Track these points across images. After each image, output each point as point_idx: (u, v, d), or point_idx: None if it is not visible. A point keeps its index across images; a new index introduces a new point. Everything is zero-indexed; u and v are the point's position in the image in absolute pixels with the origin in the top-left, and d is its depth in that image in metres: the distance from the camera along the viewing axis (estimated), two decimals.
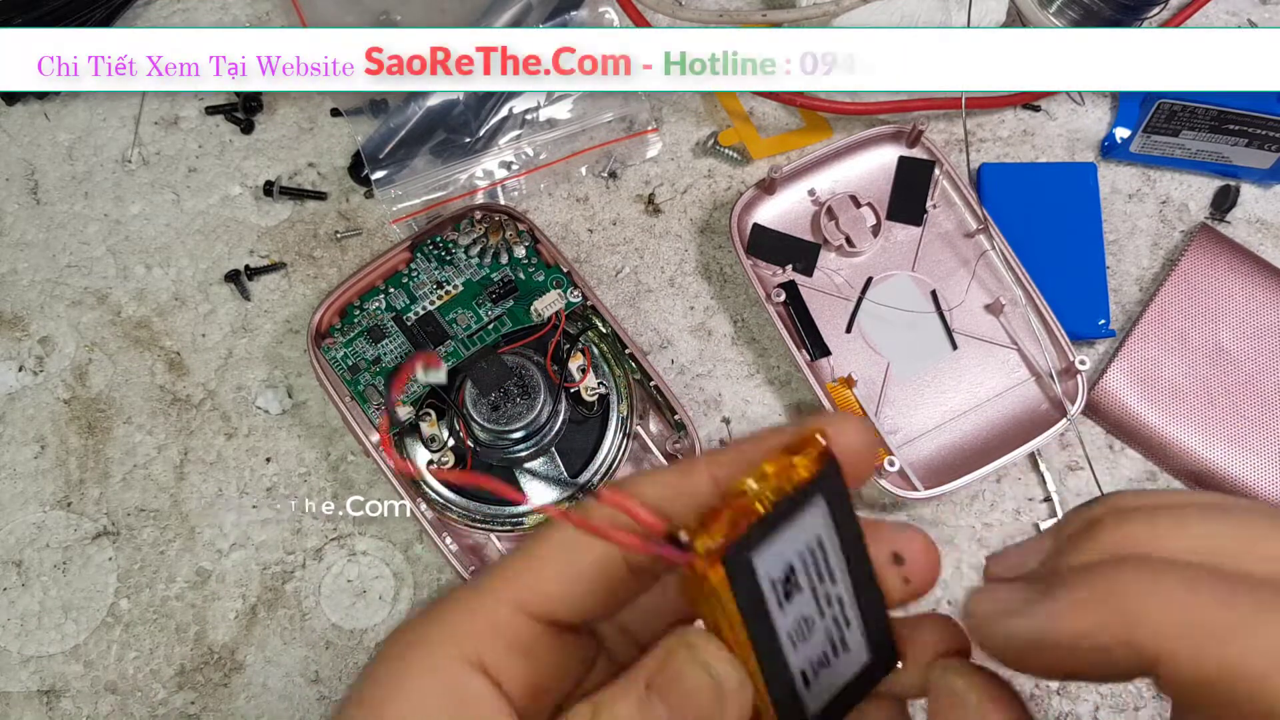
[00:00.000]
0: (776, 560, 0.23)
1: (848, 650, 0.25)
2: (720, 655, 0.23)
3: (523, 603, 0.25)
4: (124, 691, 0.49)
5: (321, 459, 0.52)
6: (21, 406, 0.53)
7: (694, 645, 0.23)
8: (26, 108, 0.57)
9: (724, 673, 0.23)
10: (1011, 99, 0.57)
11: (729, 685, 0.23)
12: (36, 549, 0.51)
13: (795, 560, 0.23)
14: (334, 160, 0.57)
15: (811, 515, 0.23)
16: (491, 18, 0.56)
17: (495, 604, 0.25)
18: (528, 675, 0.25)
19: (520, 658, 0.25)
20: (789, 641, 0.24)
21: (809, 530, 0.24)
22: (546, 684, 0.25)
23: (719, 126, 0.58)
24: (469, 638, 0.24)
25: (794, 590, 0.24)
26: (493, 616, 0.25)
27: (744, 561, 0.22)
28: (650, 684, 0.23)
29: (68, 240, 0.55)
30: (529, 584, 0.25)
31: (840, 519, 0.24)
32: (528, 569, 0.25)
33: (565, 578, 0.25)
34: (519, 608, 0.25)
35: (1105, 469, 0.53)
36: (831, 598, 0.24)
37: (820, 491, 0.23)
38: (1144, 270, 0.56)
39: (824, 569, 0.24)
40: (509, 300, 0.52)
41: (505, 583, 0.25)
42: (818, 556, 0.24)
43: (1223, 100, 0.53)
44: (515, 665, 0.25)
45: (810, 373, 0.51)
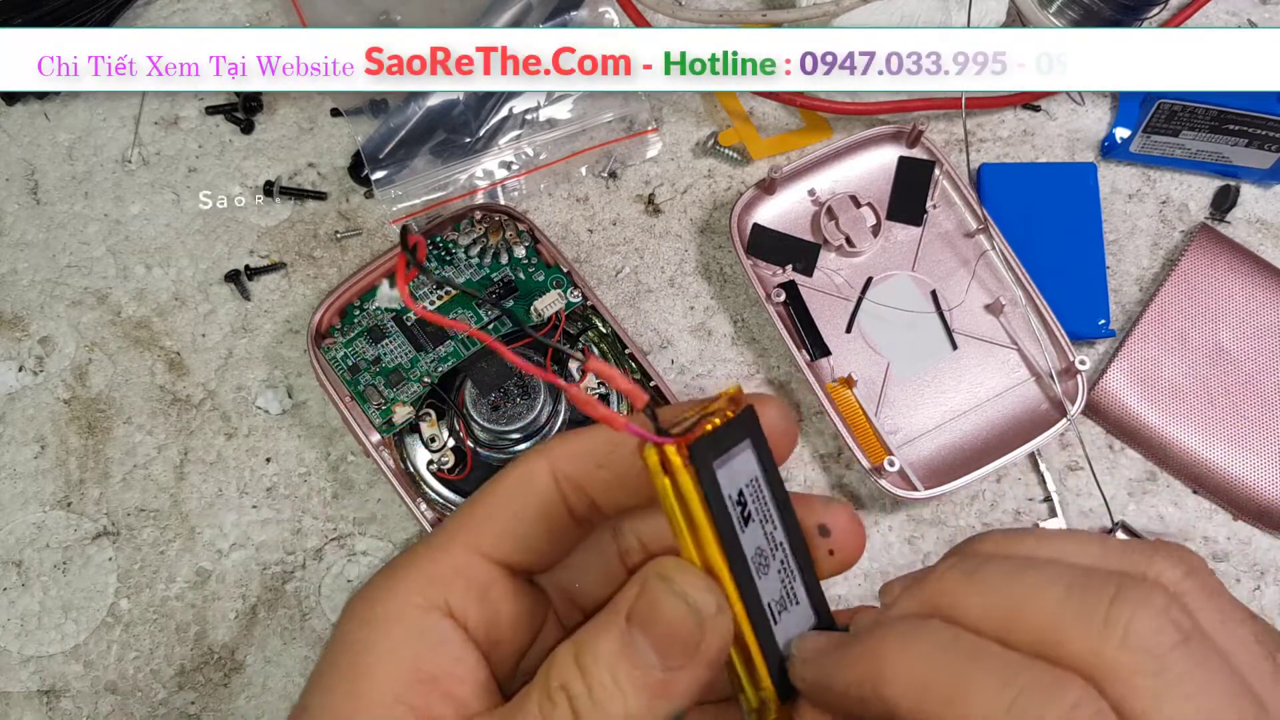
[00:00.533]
0: (729, 478, 0.23)
1: (797, 604, 0.25)
2: (696, 582, 0.23)
3: (478, 546, 0.26)
4: (124, 691, 0.49)
5: (321, 459, 0.52)
6: (21, 406, 0.53)
7: (669, 576, 0.23)
8: (26, 108, 0.57)
9: (701, 600, 0.23)
10: (1011, 99, 0.57)
11: (707, 611, 0.23)
12: (36, 549, 0.51)
13: (743, 486, 0.24)
14: (334, 160, 0.57)
15: (744, 455, 0.24)
16: (491, 18, 0.56)
17: (454, 550, 0.26)
18: (485, 620, 0.25)
19: (479, 601, 0.25)
20: (755, 568, 0.24)
21: (746, 466, 0.24)
22: (502, 633, 0.26)
23: (719, 126, 0.58)
24: (433, 583, 0.25)
25: (748, 517, 0.24)
26: (453, 560, 0.25)
27: (708, 464, 0.23)
28: (630, 617, 0.23)
29: (68, 240, 0.55)
30: (483, 529, 0.26)
31: (767, 469, 0.25)
32: (481, 516, 0.26)
33: (514, 522, 0.26)
34: (475, 551, 0.25)
35: (1105, 469, 0.53)
36: (775, 541, 0.25)
37: (747, 435, 0.24)
38: (1144, 270, 0.56)
39: (765, 509, 0.25)
40: (509, 300, 0.52)
41: (461, 530, 0.26)
42: (758, 494, 0.24)
43: (1223, 100, 0.53)
44: (475, 609, 0.25)
45: (810, 373, 0.50)
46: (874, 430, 0.51)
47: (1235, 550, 0.52)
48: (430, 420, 0.50)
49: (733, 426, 0.24)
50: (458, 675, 0.25)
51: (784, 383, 0.54)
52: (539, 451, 0.27)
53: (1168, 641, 0.20)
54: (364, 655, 0.24)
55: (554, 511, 0.26)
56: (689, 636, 0.23)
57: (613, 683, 0.23)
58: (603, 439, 0.26)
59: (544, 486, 0.26)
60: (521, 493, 0.26)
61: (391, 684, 0.24)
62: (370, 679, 0.24)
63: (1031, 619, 0.21)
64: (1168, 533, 0.52)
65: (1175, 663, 0.20)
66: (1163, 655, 0.20)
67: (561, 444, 0.27)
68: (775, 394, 0.53)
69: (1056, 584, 0.21)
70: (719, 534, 0.23)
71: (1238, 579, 0.52)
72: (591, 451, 0.26)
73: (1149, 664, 0.20)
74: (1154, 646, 0.20)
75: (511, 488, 0.26)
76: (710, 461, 0.23)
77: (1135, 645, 0.20)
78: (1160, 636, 0.20)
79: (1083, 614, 0.21)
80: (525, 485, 0.26)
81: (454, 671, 0.25)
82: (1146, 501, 0.53)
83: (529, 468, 0.26)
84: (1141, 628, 0.20)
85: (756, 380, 0.54)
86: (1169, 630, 0.20)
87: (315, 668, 0.25)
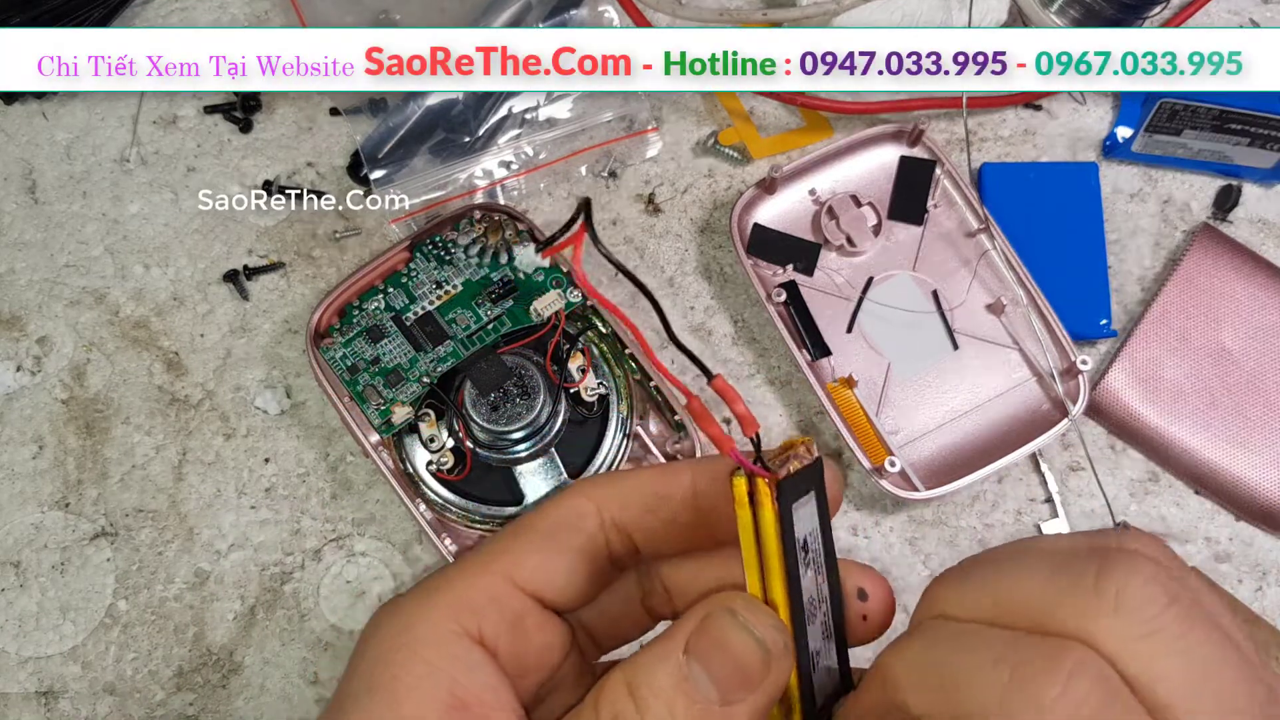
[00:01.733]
0: (800, 524, 0.24)
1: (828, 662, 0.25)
2: (765, 619, 0.23)
3: (515, 576, 0.25)
4: (122, 693, 0.49)
5: (320, 459, 0.52)
6: (19, 407, 0.53)
7: (738, 609, 0.23)
8: (25, 107, 0.57)
9: (770, 636, 0.23)
10: (1013, 98, 0.57)
11: (775, 648, 0.23)
12: (34, 550, 0.51)
13: (807, 534, 0.24)
14: (333, 160, 0.57)
15: (810, 505, 0.24)
16: (491, 17, 0.56)
17: (492, 579, 0.25)
18: (516, 649, 0.25)
19: (510, 630, 0.25)
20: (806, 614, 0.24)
21: (810, 516, 0.24)
22: (529, 662, 0.26)
23: (719, 126, 0.58)
24: (467, 609, 0.25)
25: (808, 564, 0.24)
26: (489, 588, 0.25)
27: (789, 506, 0.23)
28: (689, 649, 0.23)
29: (66, 240, 0.55)
30: (521, 559, 0.26)
31: (823, 523, 0.25)
32: (522, 549, 0.26)
33: (556, 559, 0.26)
34: (511, 580, 0.25)
35: (1107, 470, 0.53)
36: (822, 594, 0.25)
37: (813, 487, 0.24)
38: (1146, 270, 0.56)
39: (819, 561, 0.25)
40: (509, 300, 0.51)
41: (500, 560, 0.26)
42: (816, 545, 0.24)
43: (1224, 100, 0.53)
44: (506, 638, 0.25)
45: (811, 373, 0.50)
46: (875, 430, 0.50)
47: (1237, 551, 0.52)
48: (429, 420, 0.50)
49: (807, 474, 0.24)
50: (490, 703, 0.24)
51: (785, 383, 0.54)
52: (586, 491, 0.26)
53: (1158, 604, 0.20)
54: (402, 677, 0.24)
55: (596, 554, 0.26)
56: (753, 671, 0.22)
57: (668, 715, 0.22)
58: (653, 485, 0.26)
59: (591, 530, 0.26)
60: (567, 531, 0.26)
61: (428, 708, 0.24)
62: (408, 702, 0.24)
63: (1020, 600, 0.21)
64: (1169, 533, 0.52)
65: (1168, 623, 0.20)
66: (1155, 617, 0.20)
67: (611, 487, 0.27)
68: (810, 436, 0.53)
69: (1041, 566, 0.22)
70: (788, 573, 0.23)
71: (1240, 580, 0.52)
72: (642, 497, 0.26)
73: (1142, 626, 0.20)
74: (1145, 609, 0.20)
75: (557, 524, 0.26)
76: (791, 503, 0.23)
77: (1127, 609, 0.20)
78: (1151, 600, 0.20)
79: (1071, 587, 0.21)
80: (572, 524, 0.26)
81: (486, 699, 0.24)
82: (1148, 502, 0.53)
83: (577, 507, 0.26)
84: (1132, 593, 0.20)
85: (757, 380, 0.54)
86: (1159, 594, 0.20)
87: (347, 682, 0.25)
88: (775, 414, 0.53)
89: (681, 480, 0.26)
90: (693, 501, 0.26)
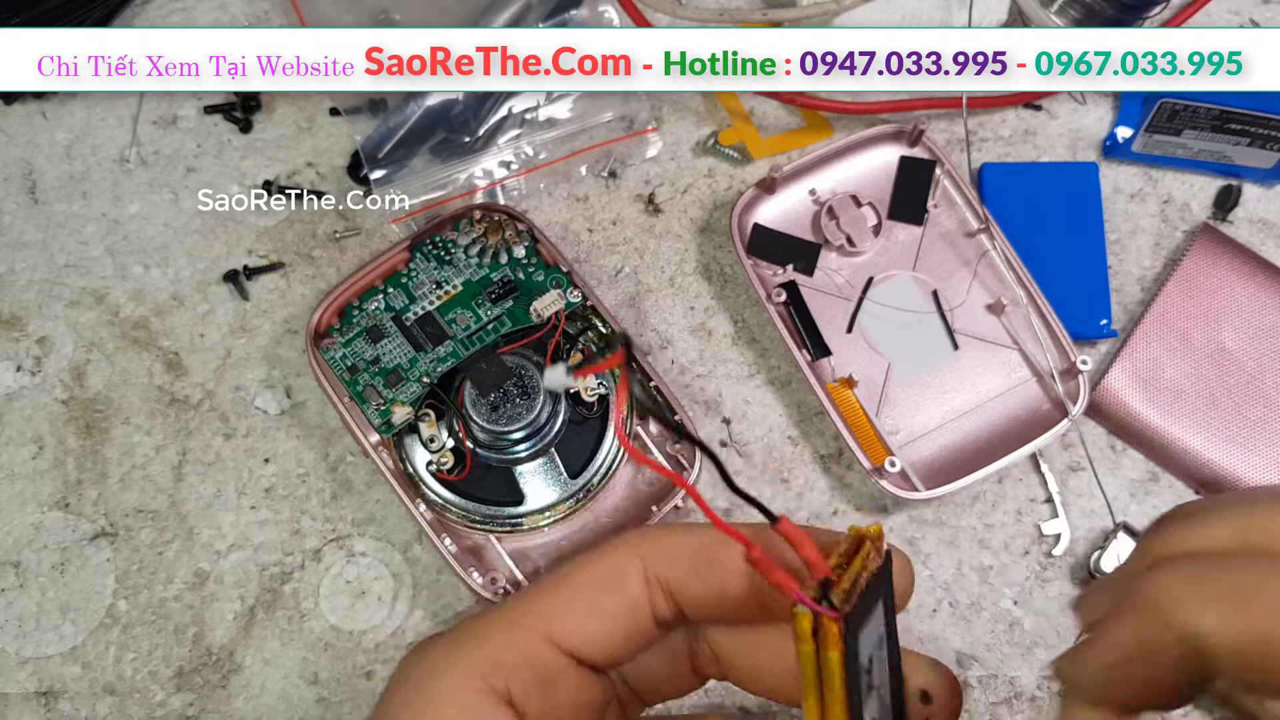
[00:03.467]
0: (864, 644, 0.22)
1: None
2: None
3: (552, 635, 0.24)
4: (122, 693, 0.49)
5: (320, 459, 0.52)
6: (19, 407, 0.53)
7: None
8: (24, 107, 0.57)
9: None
10: (1013, 98, 0.57)
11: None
12: (34, 550, 0.51)
13: (873, 651, 0.23)
14: (333, 160, 0.57)
15: (876, 613, 0.23)
16: (491, 17, 0.56)
17: (525, 634, 0.24)
18: (546, 709, 0.24)
19: (541, 689, 0.24)
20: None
21: (876, 626, 0.23)
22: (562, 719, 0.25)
23: (719, 126, 0.58)
24: (496, 667, 0.24)
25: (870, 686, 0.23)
26: (521, 644, 0.24)
27: (854, 638, 0.22)
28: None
29: (65, 240, 0.55)
30: (560, 618, 0.24)
31: (889, 626, 0.24)
32: (560, 603, 0.25)
33: (596, 617, 0.24)
34: (546, 637, 0.24)
35: (1107, 470, 0.53)
36: (884, 705, 0.24)
37: (881, 591, 0.23)
38: (1146, 270, 0.56)
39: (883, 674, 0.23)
40: (509, 300, 0.51)
41: (535, 614, 0.25)
42: (879, 657, 0.23)
43: (1225, 100, 0.52)
44: (537, 697, 0.24)
45: (811, 373, 0.50)
46: (875, 431, 0.50)
47: None
48: (429, 421, 0.50)
49: (873, 583, 0.23)
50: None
51: (785, 383, 0.54)
52: (633, 545, 0.25)
53: None
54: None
55: (639, 613, 0.25)
56: None
57: None
58: (705, 549, 0.25)
59: (634, 588, 0.25)
60: (608, 588, 0.25)
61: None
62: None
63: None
64: None
65: None
66: None
67: (659, 543, 0.25)
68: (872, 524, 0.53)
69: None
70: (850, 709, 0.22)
71: None
72: (692, 560, 0.25)
73: None
74: None
75: (599, 581, 0.25)
76: (858, 634, 0.22)
77: None
78: None
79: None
80: (614, 582, 0.25)
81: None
82: (1149, 502, 0.53)
83: (621, 564, 0.25)
84: None
85: (757, 380, 0.54)
86: None
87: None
88: (775, 414, 0.53)
89: (736, 550, 0.24)
90: (748, 575, 0.24)
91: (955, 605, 0.51)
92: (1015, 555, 0.52)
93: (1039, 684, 0.50)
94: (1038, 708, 0.50)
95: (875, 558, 0.23)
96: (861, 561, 0.23)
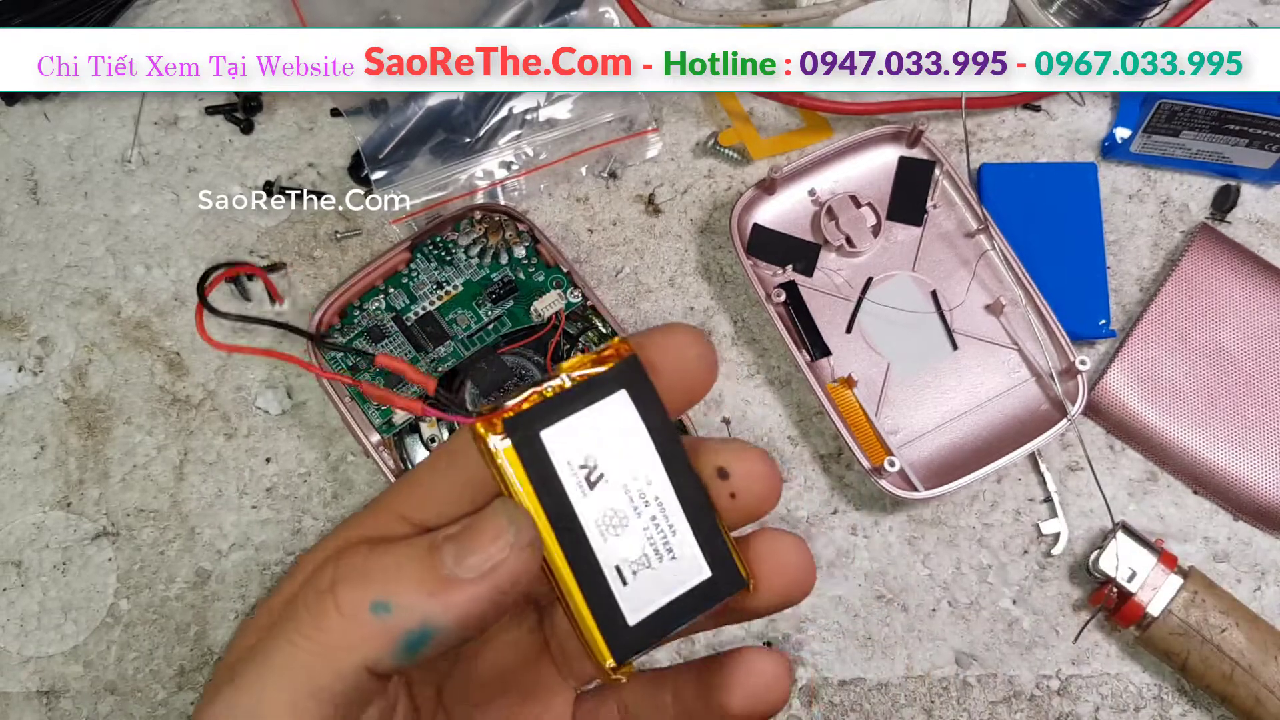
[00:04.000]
0: (572, 441, 0.24)
1: (675, 558, 0.25)
2: (527, 517, 0.23)
3: (404, 513, 0.25)
4: (124, 692, 0.49)
5: (321, 459, 0.52)
6: (21, 407, 0.53)
7: (506, 501, 0.23)
8: (26, 107, 0.57)
9: (520, 528, 0.23)
10: (1012, 99, 0.57)
11: (519, 541, 0.23)
12: (36, 549, 0.51)
13: (595, 449, 0.24)
14: (334, 160, 0.57)
15: (612, 407, 0.24)
16: (491, 18, 0.56)
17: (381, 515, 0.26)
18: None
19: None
20: (597, 531, 0.24)
21: (611, 421, 0.24)
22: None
23: (719, 126, 0.58)
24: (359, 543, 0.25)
25: (598, 479, 0.24)
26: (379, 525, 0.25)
27: (530, 435, 0.24)
28: (450, 533, 0.23)
29: (67, 240, 0.55)
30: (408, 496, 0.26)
31: (650, 419, 0.25)
32: (406, 483, 0.26)
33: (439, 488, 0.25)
34: (401, 518, 0.25)
35: (1105, 469, 0.53)
36: (648, 497, 0.25)
37: (622, 386, 0.24)
38: (1144, 270, 0.56)
39: (634, 465, 0.25)
40: (509, 300, 0.51)
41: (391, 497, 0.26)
42: (624, 451, 0.25)
43: (1223, 100, 0.53)
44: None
45: (810, 373, 0.50)
46: (874, 430, 0.51)
47: (1236, 551, 0.52)
48: (430, 421, 0.50)
49: (591, 386, 0.24)
50: None
51: (784, 383, 0.54)
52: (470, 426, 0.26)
53: None
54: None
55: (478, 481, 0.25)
56: (493, 555, 0.22)
57: (394, 565, 0.23)
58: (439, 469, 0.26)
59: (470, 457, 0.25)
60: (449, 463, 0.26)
61: None
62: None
63: None
64: (1168, 533, 0.52)
65: None
66: None
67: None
68: (706, 342, 0.53)
69: None
70: (541, 501, 0.24)
71: (1238, 579, 0.52)
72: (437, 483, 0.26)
73: None
74: None
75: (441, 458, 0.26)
76: (535, 431, 0.24)
77: None
78: None
79: None
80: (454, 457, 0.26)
81: None
82: (1147, 502, 0.53)
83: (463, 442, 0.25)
84: None
85: (757, 380, 0.54)
86: None
87: None
88: (775, 414, 0.54)
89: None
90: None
91: (954, 605, 0.51)
92: (1014, 555, 0.52)
93: (1038, 683, 0.50)
94: (1036, 706, 0.50)
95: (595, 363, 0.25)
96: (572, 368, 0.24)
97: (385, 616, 0.22)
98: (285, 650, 0.22)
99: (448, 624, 0.22)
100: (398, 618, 0.22)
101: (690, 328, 0.26)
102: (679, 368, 0.26)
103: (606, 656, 0.24)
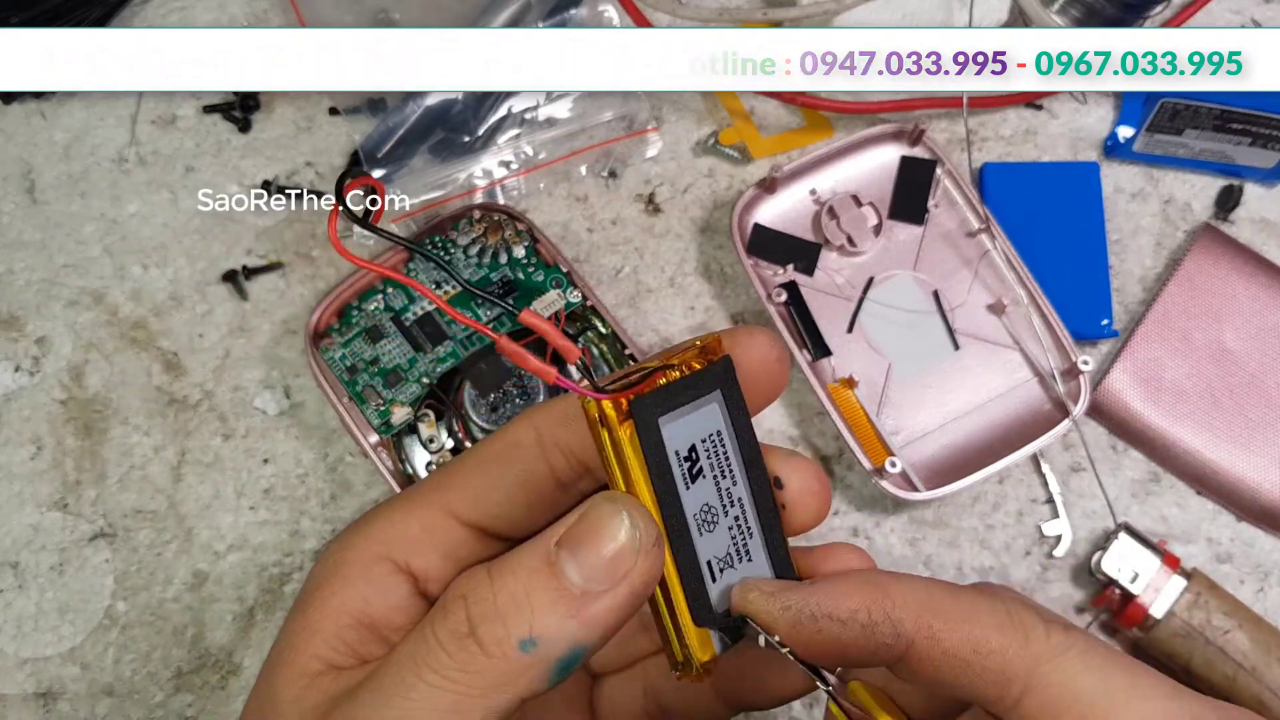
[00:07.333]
0: (680, 432, 0.24)
1: (750, 560, 0.25)
2: (643, 512, 0.23)
3: (452, 507, 0.26)
4: (121, 694, 0.49)
5: (319, 460, 0.52)
6: (17, 407, 0.53)
7: (616, 499, 0.23)
8: (23, 106, 0.57)
9: (645, 527, 0.23)
10: (1013, 98, 0.57)
11: (647, 539, 0.22)
12: (33, 550, 0.51)
13: (697, 441, 0.24)
14: (332, 159, 0.57)
15: (709, 407, 0.25)
16: (490, 17, 0.56)
17: (425, 509, 0.26)
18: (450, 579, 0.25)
19: (443, 560, 0.26)
20: (695, 525, 0.24)
21: (708, 420, 0.25)
22: None
23: (719, 126, 0.57)
24: (399, 542, 0.25)
25: (698, 473, 0.24)
26: (421, 519, 0.26)
27: (650, 420, 0.23)
28: (562, 541, 0.23)
29: (64, 240, 0.55)
30: (456, 491, 0.26)
31: (736, 421, 0.25)
32: (458, 479, 0.26)
33: (494, 487, 0.26)
34: (448, 512, 0.26)
35: (1108, 470, 0.53)
36: (733, 497, 0.25)
37: (717, 387, 0.25)
38: (1147, 270, 0.56)
39: (724, 464, 0.25)
40: (508, 300, 0.51)
41: (436, 491, 0.26)
42: (718, 449, 0.25)
43: (1226, 99, 0.52)
44: (439, 567, 0.26)
45: (811, 373, 0.50)
46: (875, 431, 0.50)
47: (1239, 552, 0.52)
48: (429, 421, 0.50)
49: (696, 380, 0.24)
50: (396, 624, 0.25)
51: None
52: (528, 417, 0.26)
53: None
54: (318, 591, 0.25)
55: (536, 476, 0.26)
56: (622, 560, 0.22)
57: (524, 593, 0.22)
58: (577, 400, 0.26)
59: (529, 457, 0.26)
60: (504, 460, 0.26)
61: (334, 620, 0.25)
62: (315, 612, 0.25)
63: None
64: (1171, 534, 0.52)
65: None
66: None
67: (550, 410, 0.26)
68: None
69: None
70: (654, 490, 0.23)
71: (1241, 581, 0.51)
72: (567, 411, 0.26)
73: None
74: None
75: (495, 454, 0.26)
76: (654, 417, 0.23)
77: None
78: None
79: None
80: (509, 453, 0.26)
81: (393, 620, 0.25)
82: (1150, 503, 0.52)
83: (516, 436, 0.26)
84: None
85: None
86: None
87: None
88: (775, 414, 0.53)
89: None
90: None
91: None
92: (1016, 556, 0.52)
93: None
94: None
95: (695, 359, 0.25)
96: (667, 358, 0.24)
97: (534, 650, 0.22)
98: (424, 692, 0.22)
99: (594, 641, 0.22)
100: (545, 649, 0.22)
101: (770, 332, 0.26)
102: (762, 370, 0.26)
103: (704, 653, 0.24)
